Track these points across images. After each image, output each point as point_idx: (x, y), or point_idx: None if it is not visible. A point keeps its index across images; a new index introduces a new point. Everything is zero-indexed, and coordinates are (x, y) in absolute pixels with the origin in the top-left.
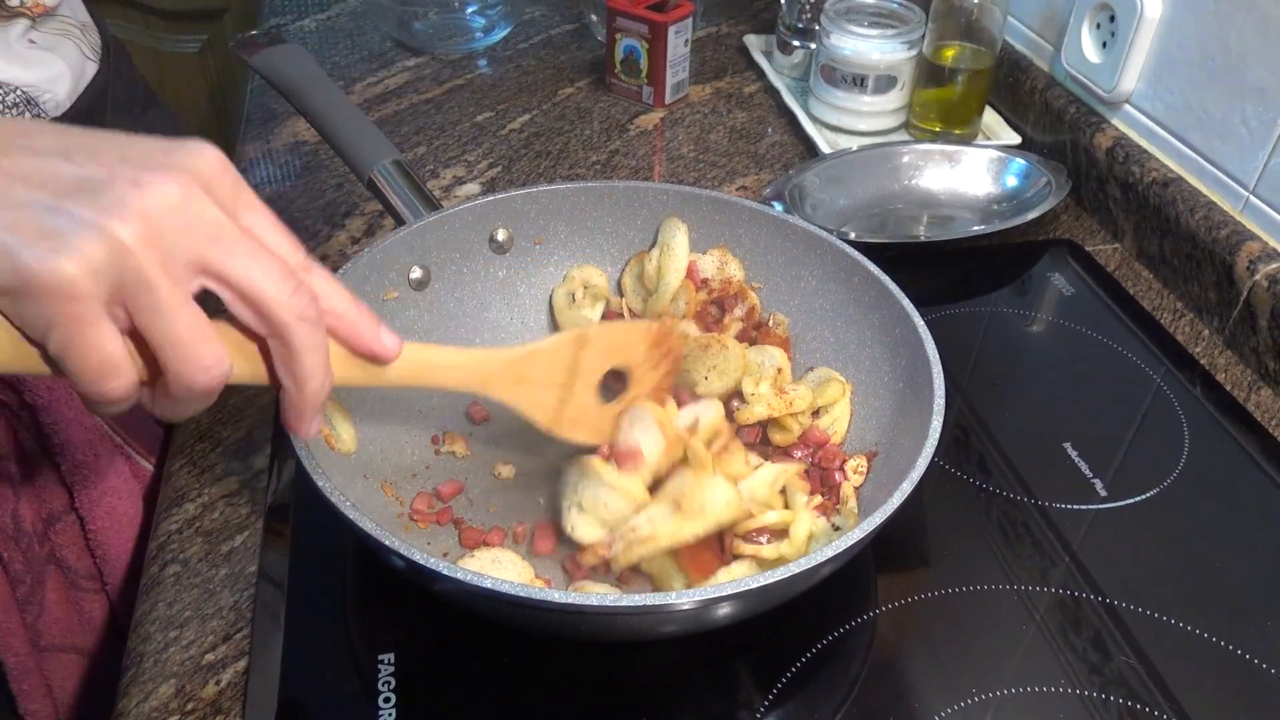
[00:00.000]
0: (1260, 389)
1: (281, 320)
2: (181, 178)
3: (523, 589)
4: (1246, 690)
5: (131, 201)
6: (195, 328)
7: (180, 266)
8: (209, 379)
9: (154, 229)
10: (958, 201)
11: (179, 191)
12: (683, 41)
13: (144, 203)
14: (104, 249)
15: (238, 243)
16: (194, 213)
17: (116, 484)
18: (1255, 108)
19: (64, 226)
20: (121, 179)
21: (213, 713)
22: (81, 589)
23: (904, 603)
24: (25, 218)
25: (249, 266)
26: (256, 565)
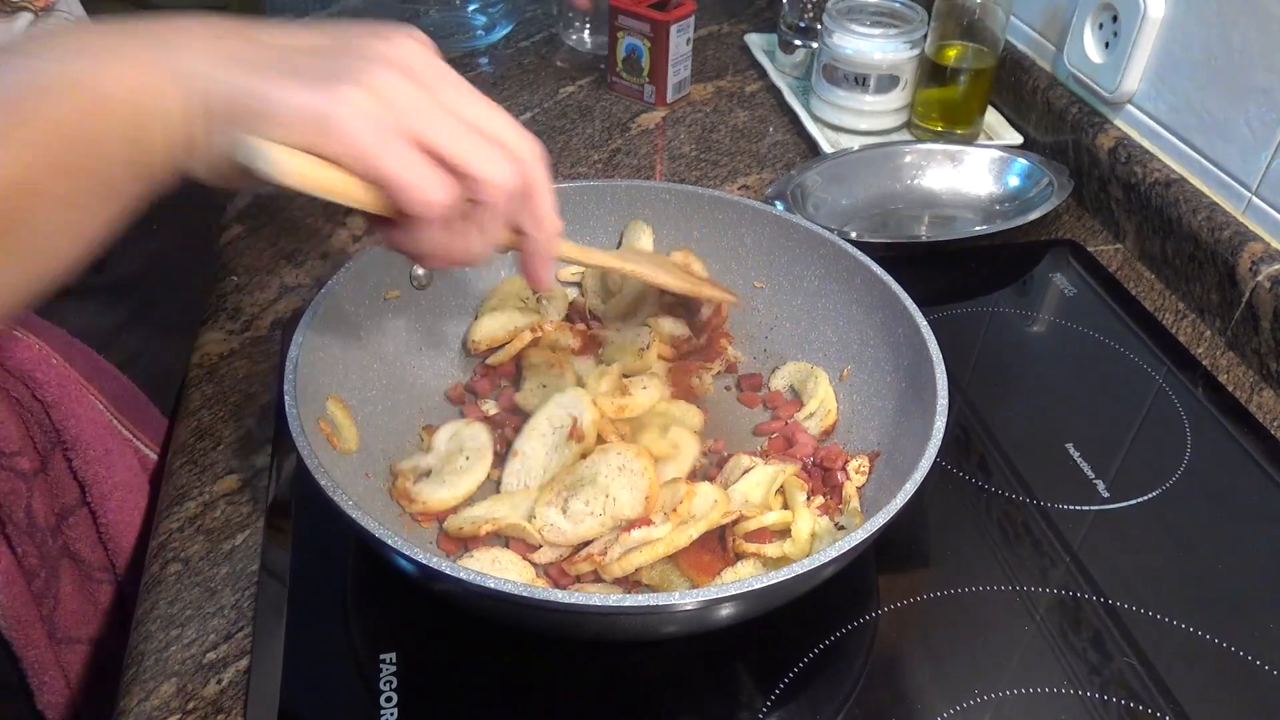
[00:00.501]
0: (1262, 390)
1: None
2: (415, 40)
3: (526, 589)
4: (1247, 691)
5: (386, 51)
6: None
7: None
8: (512, 178)
9: (412, 71)
10: (960, 201)
11: (420, 47)
12: (684, 40)
13: (396, 52)
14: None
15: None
16: (437, 65)
17: (127, 476)
18: (1258, 108)
19: (343, 70)
20: (370, 39)
21: (214, 712)
22: (95, 580)
23: (905, 603)
24: (308, 71)
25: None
26: (258, 564)
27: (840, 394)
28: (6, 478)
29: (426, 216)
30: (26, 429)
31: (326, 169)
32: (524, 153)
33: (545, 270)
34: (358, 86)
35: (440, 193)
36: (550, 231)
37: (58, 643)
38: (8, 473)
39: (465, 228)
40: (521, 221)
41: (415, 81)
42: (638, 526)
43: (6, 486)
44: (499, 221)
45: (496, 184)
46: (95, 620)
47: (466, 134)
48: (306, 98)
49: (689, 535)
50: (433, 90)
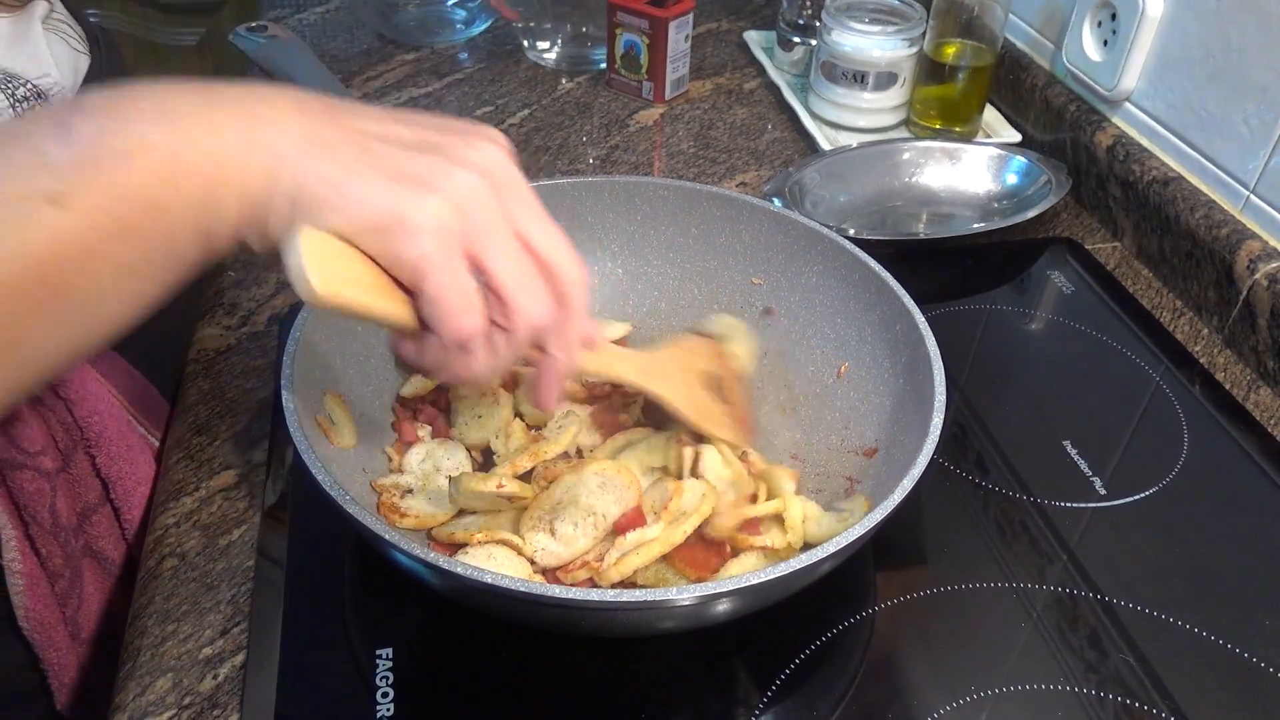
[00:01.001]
0: (1259, 388)
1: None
2: (498, 146)
3: (523, 584)
4: (1243, 688)
5: (471, 157)
6: (531, 270)
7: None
8: (544, 315)
9: (493, 181)
10: (958, 199)
11: (501, 155)
12: (683, 37)
13: (481, 159)
14: (462, 190)
15: (539, 212)
16: (513, 175)
17: (147, 473)
18: (1256, 107)
19: (426, 172)
20: (455, 140)
21: (210, 707)
22: (115, 577)
23: (902, 600)
24: (391, 165)
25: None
26: (254, 559)
27: (838, 390)
28: (31, 478)
29: (452, 341)
30: (48, 427)
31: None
32: (569, 278)
33: (553, 394)
34: (439, 195)
35: (475, 319)
36: (571, 357)
37: (80, 644)
38: (32, 473)
39: (480, 348)
40: (547, 343)
41: (493, 191)
42: (630, 529)
43: (31, 487)
44: (516, 351)
45: (529, 319)
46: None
47: (521, 259)
48: (386, 196)
49: (684, 531)
50: (506, 203)
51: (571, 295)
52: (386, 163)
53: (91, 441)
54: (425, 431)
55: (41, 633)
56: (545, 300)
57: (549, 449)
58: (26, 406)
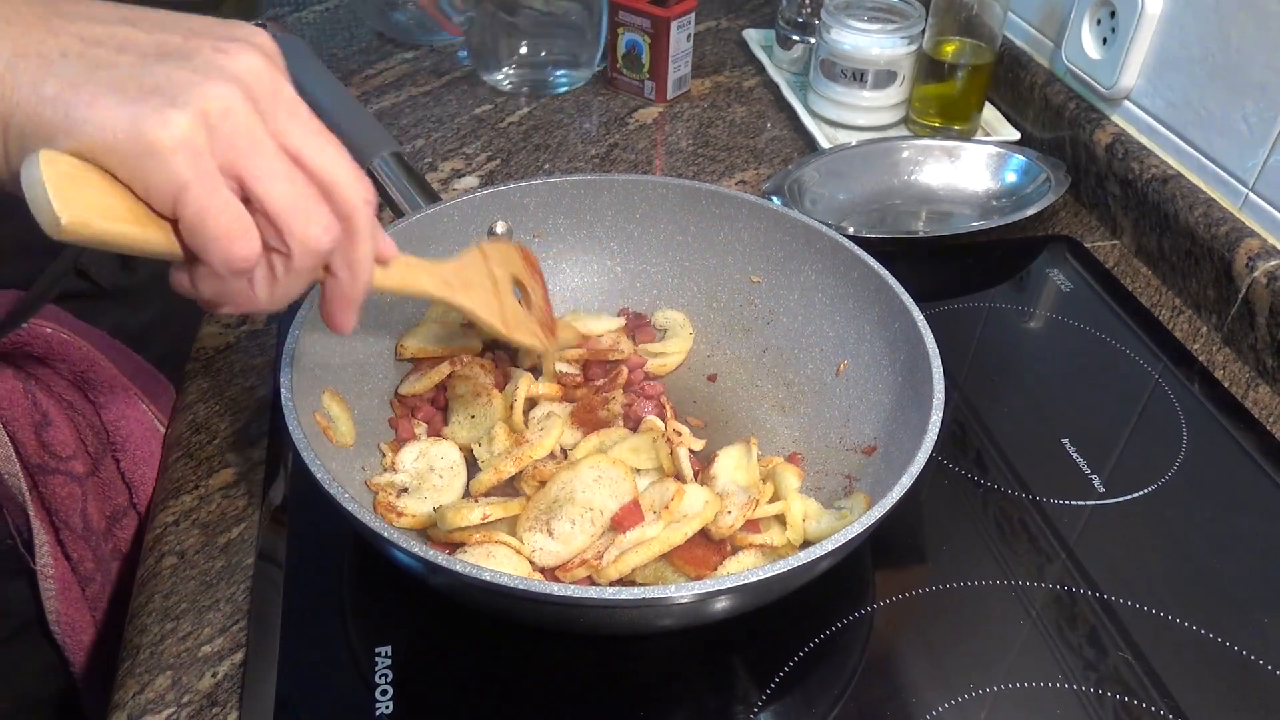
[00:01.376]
0: (1258, 386)
1: (354, 205)
2: (257, 51)
3: (522, 581)
4: (1241, 686)
5: (224, 65)
6: (306, 189)
7: (274, 134)
8: (326, 238)
9: (250, 93)
10: (957, 197)
11: (261, 63)
12: (685, 36)
13: (236, 68)
14: (214, 104)
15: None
16: (276, 85)
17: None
18: (1255, 105)
19: (166, 84)
20: (203, 46)
21: (209, 704)
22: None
23: (901, 598)
24: (123, 77)
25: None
26: (254, 557)
27: (837, 388)
28: (63, 483)
29: (224, 270)
30: (78, 431)
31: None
32: (352, 196)
33: (345, 313)
34: (186, 109)
35: (246, 247)
36: (361, 278)
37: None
38: (64, 477)
39: (263, 275)
40: (333, 264)
41: (251, 104)
42: (628, 523)
43: (64, 492)
44: (300, 278)
45: (309, 243)
46: None
47: (292, 178)
48: (122, 116)
49: (684, 533)
50: (268, 116)
51: (355, 212)
52: (118, 74)
53: (118, 445)
54: (422, 429)
55: (72, 636)
56: (325, 220)
57: (533, 452)
58: (58, 410)
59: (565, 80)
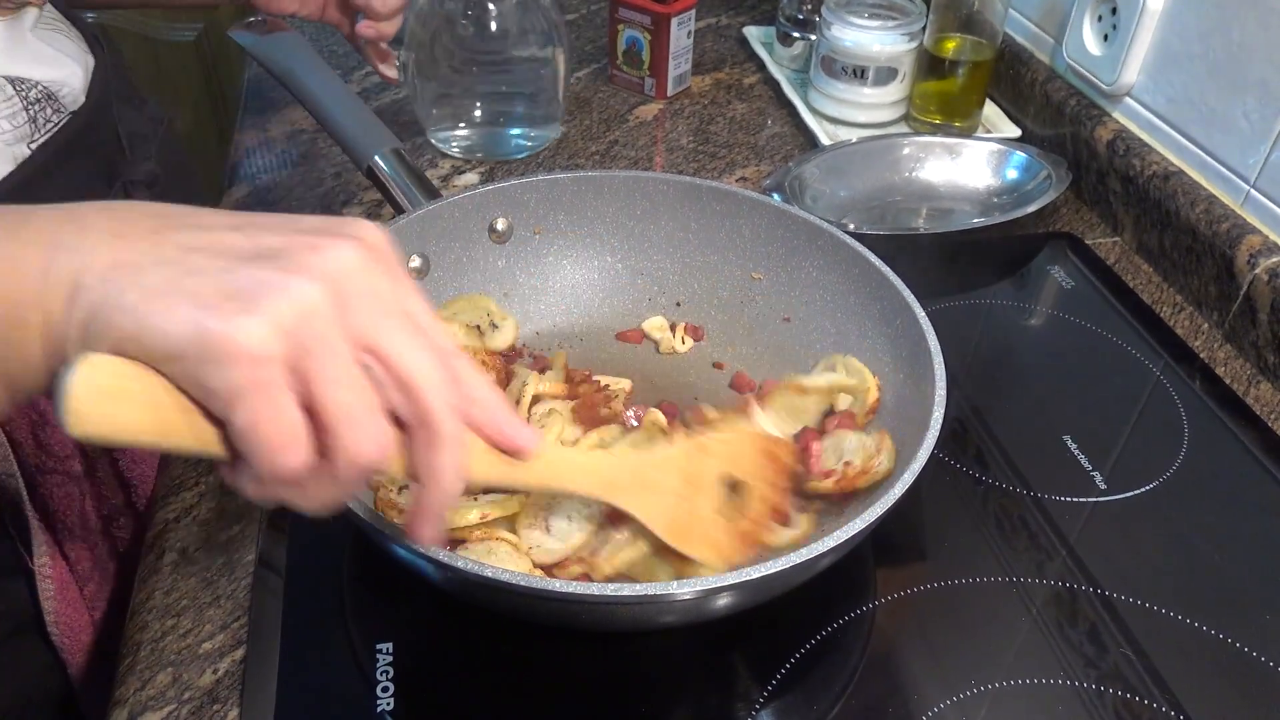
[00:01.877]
0: (1260, 383)
1: (432, 408)
2: (357, 245)
3: (523, 578)
4: (1243, 683)
5: (313, 264)
6: (368, 400)
7: (355, 335)
8: (375, 454)
9: (337, 291)
10: (958, 194)
11: (357, 257)
12: (685, 33)
13: (325, 265)
14: (291, 307)
15: (405, 321)
16: (371, 280)
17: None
18: (1256, 101)
19: (248, 287)
20: (299, 245)
21: (210, 701)
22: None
23: (902, 595)
24: (207, 283)
25: (412, 348)
26: (254, 554)
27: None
28: (60, 482)
29: (268, 478)
30: None
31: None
32: (433, 399)
33: (422, 525)
34: (260, 315)
35: (294, 458)
36: (439, 489)
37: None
38: (62, 477)
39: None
40: (417, 470)
41: (335, 302)
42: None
43: (61, 491)
44: (346, 489)
45: (353, 455)
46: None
47: (356, 386)
48: (189, 323)
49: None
50: (353, 313)
51: (431, 416)
52: (205, 281)
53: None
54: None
55: (71, 637)
56: (377, 434)
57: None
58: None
59: (524, 143)
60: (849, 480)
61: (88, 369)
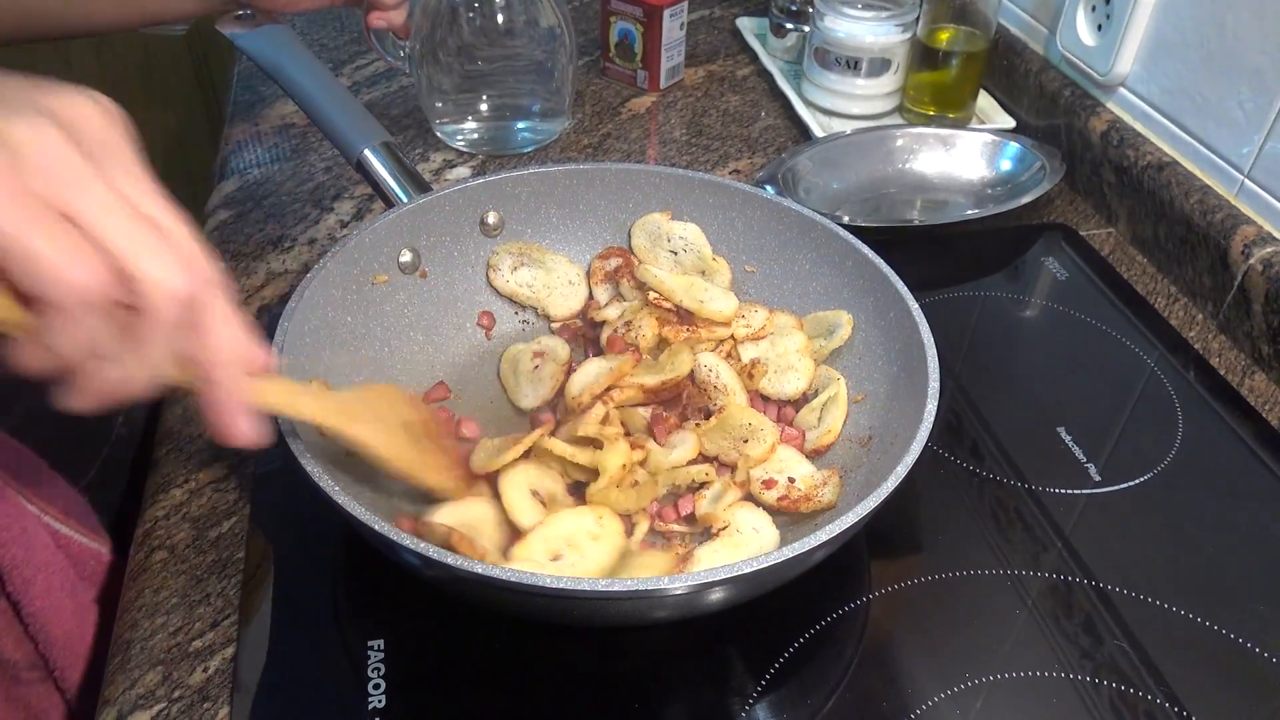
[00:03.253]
0: (1254, 373)
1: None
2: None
3: (513, 573)
4: (1238, 674)
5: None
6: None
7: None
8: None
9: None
10: (952, 185)
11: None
12: (678, 25)
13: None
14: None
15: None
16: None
17: (46, 557)
18: (1251, 91)
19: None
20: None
21: (200, 700)
22: (23, 682)
23: (897, 588)
24: None
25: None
26: (244, 551)
27: None
28: None
29: (63, 302)
30: None
31: None
32: (198, 264)
33: (232, 418)
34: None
35: (83, 272)
36: (231, 366)
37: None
38: None
39: (119, 346)
40: (194, 351)
41: (78, 148)
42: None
43: None
44: (162, 338)
45: (159, 283)
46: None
47: (128, 219)
48: None
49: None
50: (99, 164)
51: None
52: None
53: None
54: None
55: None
56: (173, 263)
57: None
58: None
59: (531, 137)
60: (792, 502)
61: None
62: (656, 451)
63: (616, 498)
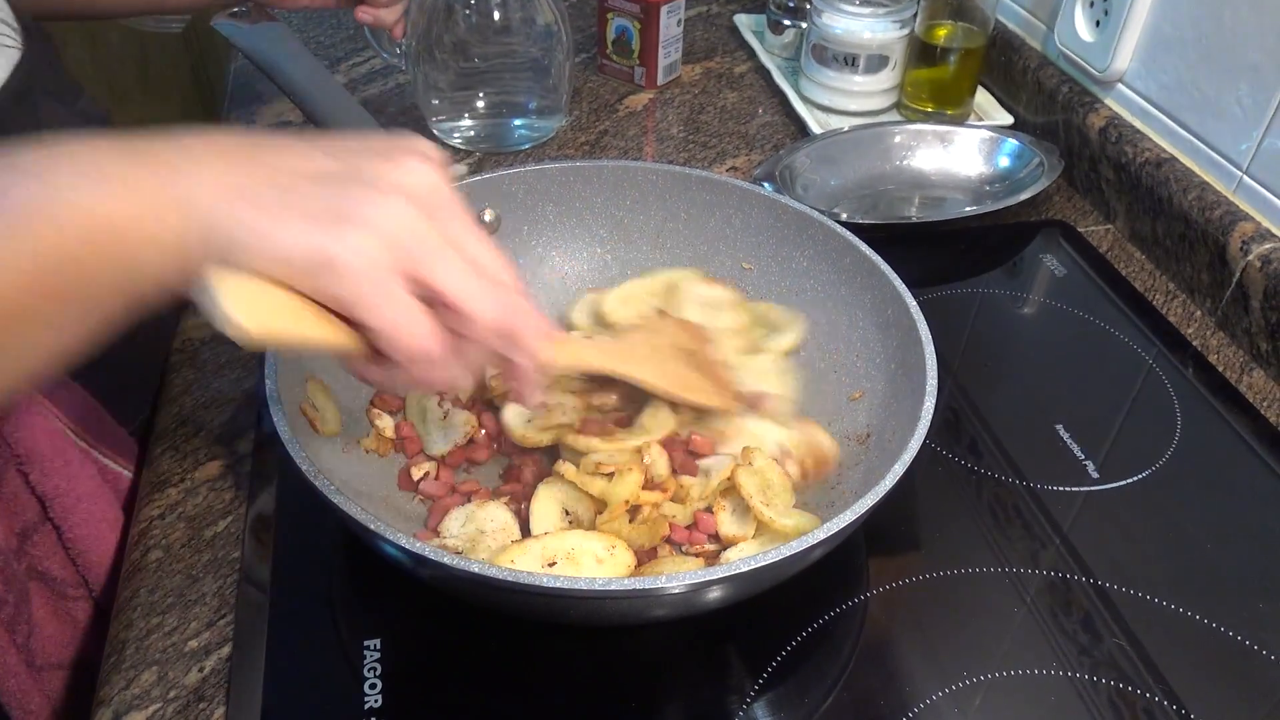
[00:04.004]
0: (1252, 370)
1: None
2: (422, 159)
3: (509, 573)
4: (1237, 671)
5: (397, 179)
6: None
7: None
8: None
9: (422, 202)
10: (950, 182)
11: (428, 170)
12: (675, 21)
13: (407, 181)
14: (392, 218)
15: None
16: (443, 188)
17: (91, 488)
18: (1249, 87)
19: (348, 204)
20: (380, 164)
21: (195, 700)
22: (69, 598)
23: (895, 586)
24: (313, 202)
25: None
26: (240, 551)
27: (830, 376)
28: None
29: (408, 362)
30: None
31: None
32: (510, 288)
33: (533, 393)
34: (363, 228)
35: (430, 341)
36: (537, 357)
37: (38, 670)
38: None
39: (449, 361)
40: (509, 353)
41: (422, 212)
42: None
43: None
44: (484, 355)
45: (487, 319)
46: (76, 641)
47: (463, 271)
48: (307, 237)
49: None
50: (438, 222)
51: (515, 300)
52: (308, 200)
53: (23, 458)
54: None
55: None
56: (495, 296)
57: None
58: None
59: (528, 134)
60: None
61: (226, 275)
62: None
63: (629, 533)
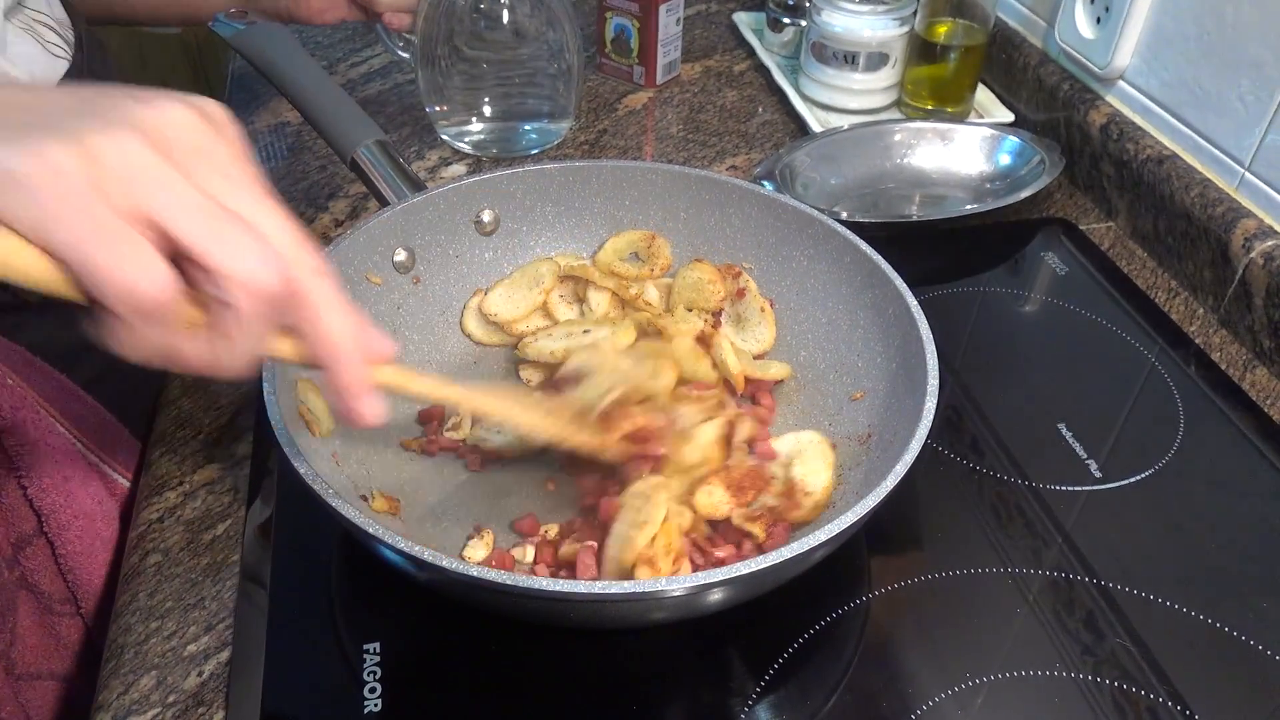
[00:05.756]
0: (1255, 368)
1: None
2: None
3: (510, 577)
4: (1241, 671)
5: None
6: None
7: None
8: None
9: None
10: (950, 180)
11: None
12: (674, 20)
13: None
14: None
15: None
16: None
17: (90, 506)
18: (1251, 83)
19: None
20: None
21: (194, 704)
22: (56, 613)
23: (897, 586)
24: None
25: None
26: (239, 554)
27: (830, 375)
28: None
29: (127, 310)
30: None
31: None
32: (295, 257)
33: (354, 401)
34: (68, 145)
35: (149, 281)
36: (343, 355)
37: (16, 679)
38: None
39: (213, 333)
40: (302, 336)
41: (162, 153)
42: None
43: None
44: (253, 330)
45: (243, 279)
46: (59, 655)
47: (212, 216)
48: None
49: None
50: (185, 167)
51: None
52: (16, 126)
53: (23, 470)
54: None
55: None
56: (260, 252)
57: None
58: None
59: (537, 139)
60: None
61: None
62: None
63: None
